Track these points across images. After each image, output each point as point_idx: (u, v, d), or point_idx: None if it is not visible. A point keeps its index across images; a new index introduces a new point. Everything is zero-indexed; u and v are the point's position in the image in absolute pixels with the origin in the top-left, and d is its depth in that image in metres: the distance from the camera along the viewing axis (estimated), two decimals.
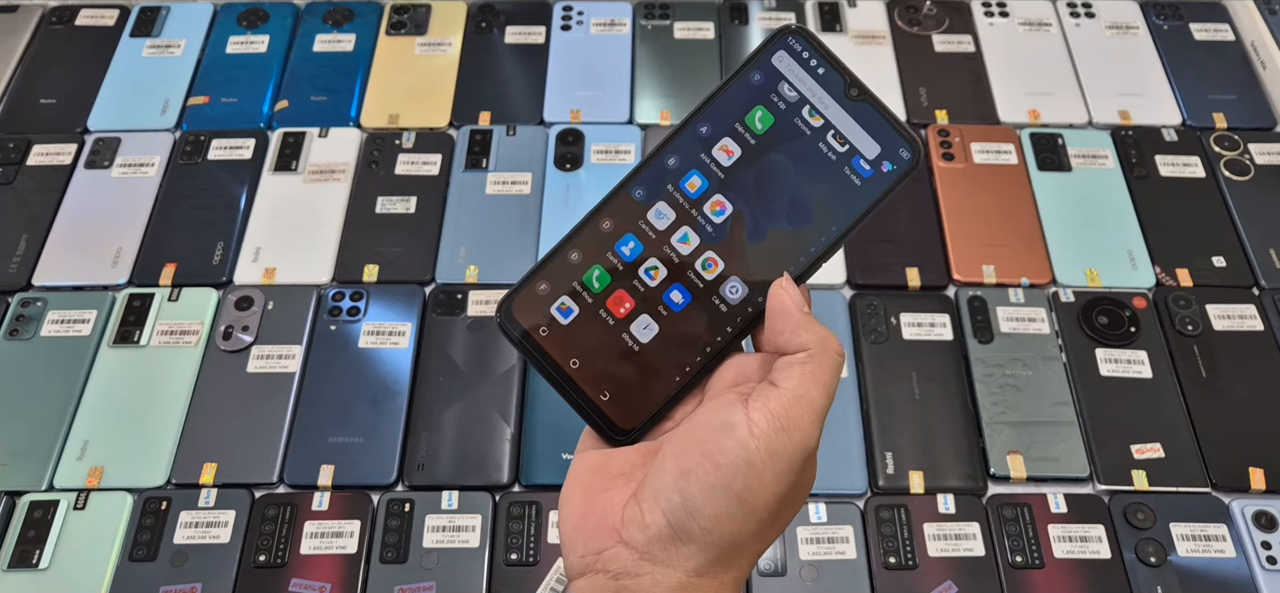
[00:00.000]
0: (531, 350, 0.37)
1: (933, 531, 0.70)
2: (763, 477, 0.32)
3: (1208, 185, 0.88)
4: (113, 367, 0.77)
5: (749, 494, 0.32)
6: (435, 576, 0.68)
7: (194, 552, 0.69)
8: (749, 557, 0.34)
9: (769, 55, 0.38)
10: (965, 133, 0.90)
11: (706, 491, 0.32)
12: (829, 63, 0.37)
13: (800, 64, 0.38)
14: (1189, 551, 0.69)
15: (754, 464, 0.32)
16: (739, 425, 0.32)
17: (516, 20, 0.99)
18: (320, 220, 0.85)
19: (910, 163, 0.36)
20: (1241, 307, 0.80)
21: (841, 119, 0.37)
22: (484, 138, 0.90)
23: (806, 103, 0.37)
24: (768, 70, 0.38)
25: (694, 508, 0.32)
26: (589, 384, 0.36)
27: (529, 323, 0.37)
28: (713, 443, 0.32)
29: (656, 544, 0.32)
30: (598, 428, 0.36)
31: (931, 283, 0.82)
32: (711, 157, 0.38)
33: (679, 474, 0.32)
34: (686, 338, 0.37)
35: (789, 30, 0.38)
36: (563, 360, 0.36)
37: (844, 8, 1.00)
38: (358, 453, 0.73)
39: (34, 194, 0.87)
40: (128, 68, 0.96)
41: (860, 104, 0.37)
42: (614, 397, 0.36)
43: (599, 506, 0.34)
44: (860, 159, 0.37)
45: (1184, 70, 0.96)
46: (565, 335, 0.37)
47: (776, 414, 0.32)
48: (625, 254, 0.37)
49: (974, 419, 0.75)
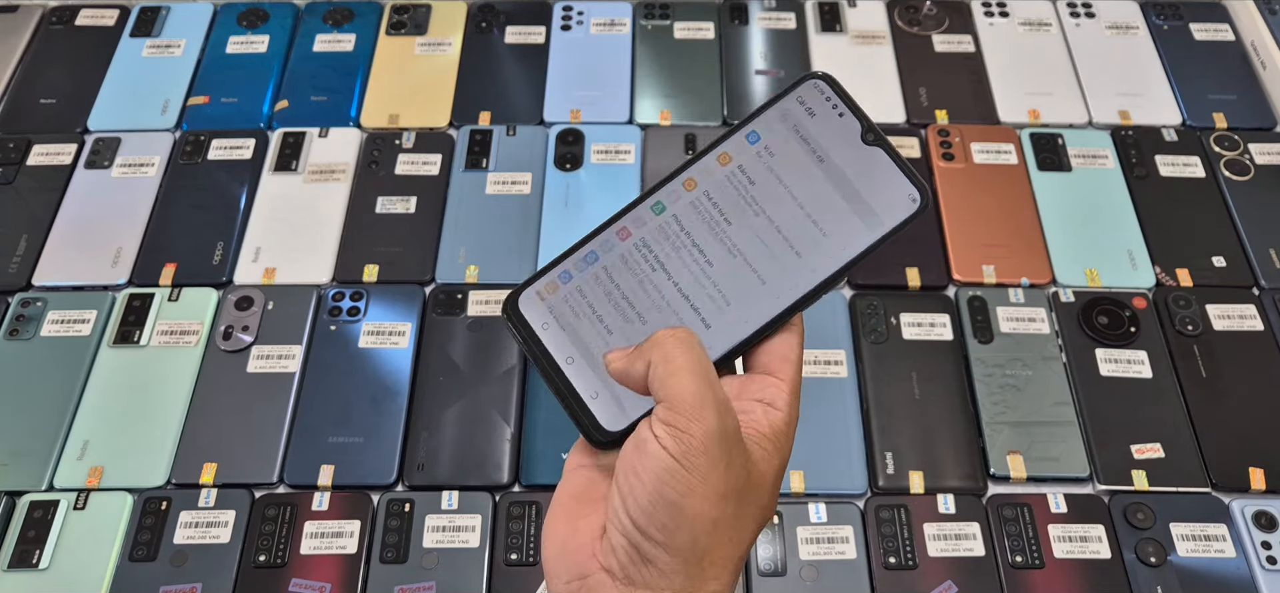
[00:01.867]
0: (531, 343, 0.38)
1: (933, 531, 0.70)
2: (688, 479, 0.33)
3: (1208, 185, 0.88)
4: (113, 367, 0.77)
5: (685, 498, 0.33)
6: (435, 576, 0.68)
7: (194, 552, 0.69)
8: (722, 562, 0.34)
9: (792, 95, 0.40)
10: (965, 133, 0.90)
11: (645, 508, 0.33)
12: (849, 107, 0.40)
13: (821, 106, 0.40)
14: (1189, 551, 0.69)
15: (672, 469, 0.33)
16: (648, 439, 0.33)
17: (516, 20, 0.99)
18: (320, 220, 0.85)
19: (919, 208, 0.38)
20: (1241, 307, 0.80)
21: (856, 161, 0.39)
22: (484, 138, 0.90)
23: (822, 142, 0.39)
24: (788, 108, 0.40)
25: (643, 526, 0.33)
26: (581, 383, 0.38)
27: (532, 317, 0.39)
28: (636, 461, 0.34)
29: (632, 568, 0.33)
30: (584, 429, 0.38)
31: (931, 283, 0.82)
32: (725, 182, 0.39)
33: (622, 497, 0.34)
34: None
35: (815, 75, 0.40)
36: (559, 357, 0.38)
37: (844, 8, 1.00)
38: (358, 453, 0.73)
39: (34, 194, 0.87)
40: (128, 68, 0.96)
41: (874, 149, 0.39)
42: (602, 398, 0.38)
43: (580, 531, 0.35)
44: (870, 200, 0.39)
45: (1184, 70, 0.96)
46: (565, 333, 0.38)
47: (666, 421, 0.33)
48: (631, 265, 0.39)
49: (974, 419, 0.75)
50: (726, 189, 0.39)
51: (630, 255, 0.39)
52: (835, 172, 0.39)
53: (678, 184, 0.40)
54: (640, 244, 0.39)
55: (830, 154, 0.39)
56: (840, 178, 0.39)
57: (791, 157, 0.39)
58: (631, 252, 0.39)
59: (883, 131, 0.39)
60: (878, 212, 0.38)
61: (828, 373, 0.77)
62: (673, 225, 0.39)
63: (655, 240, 0.39)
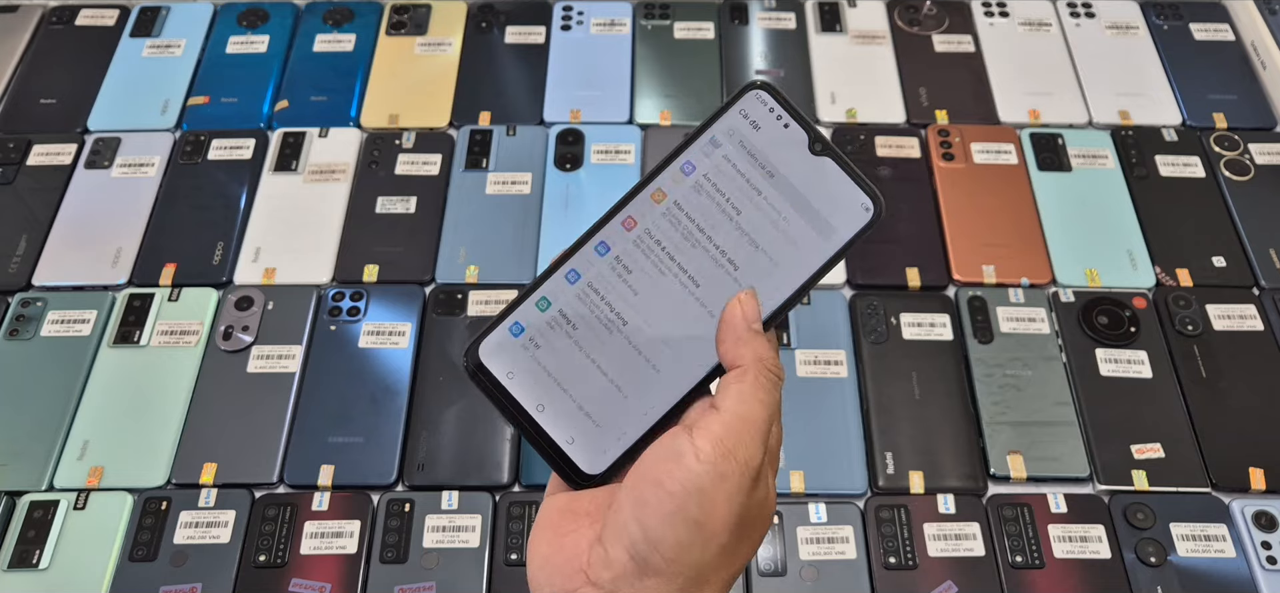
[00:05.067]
0: (497, 395, 0.37)
1: (933, 531, 0.70)
2: (715, 500, 0.32)
3: (1208, 185, 0.88)
4: (113, 367, 0.77)
5: (705, 519, 0.32)
6: (435, 576, 0.68)
7: (194, 552, 0.69)
8: (717, 585, 0.34)
9: (734, 108, 0.39)
10: (965, 133, 0.90)
11: (663, 521, 0.32)
12: (794, 118, 0.38)
13: (765, 118, 0.38)
14: (1189, 551, 0.69)
15: (704, 489, 0.32)
16: (686, 453, 0.33)
17: (516, 20, 0.99)
18: (320, 220, 0.85)
19: (873, 216, 0.37)
20: (1241, 307, 0.80)
21: (806, 174, 0.38)
22: (484, 138, 0.90)
23: (770, 156, 0.38)
24: (732, 124, 0.38)
25: (655, 540, 0.32)
26: (555, 429, 0.37)
27: (495, 367, 0.37)
28: (663, 473, 0.33)
29: (623, 581, 0.33)
30: (562, 473, 0.37)
31: (931, 283, 0.82)
32: (676, 206, 0.38)
33: (636, 507, 0.33)
34: (649, 387, 0.37)
35: (754, 85, 0.39)
36: (529, 405, 0.37)
37: (844, 8, 1.00)
38: (358, 453, 0.73)
39: (34, 194, 0.87)
40: (128, 68, 0.96)
41: (823, 159, 0.38)
42: (579, 442, 0.37)
43: (566, 546, 0.34)
44: (823, 212, 0.37)
45: (1184, 70, 0.96)
46: (531, 381, 0.37)
47: (719, 437, 0.33)
48: (590, 302, 0.37)
49: (974, 419, 0.75)
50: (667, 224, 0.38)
51: (589, 292, 0.37)
52: (785, 186, 0.38)
53: (623, 217, 0.38)
54: (595, 279, 0.37)
55: (779, 168, 0.38)
56: (790, 192, 0.38)
57: (736, 177, 0.38)
58: (590, 288, 0.37)
59: (830, 141, 0.38)
60: (833, 224, 0.37)
61: (828, 373, 0.77)
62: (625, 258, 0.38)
63: (609, 274, 0.37)
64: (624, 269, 0.37)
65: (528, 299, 0.38)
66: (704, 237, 0.37)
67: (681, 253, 0.37)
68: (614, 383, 0.37)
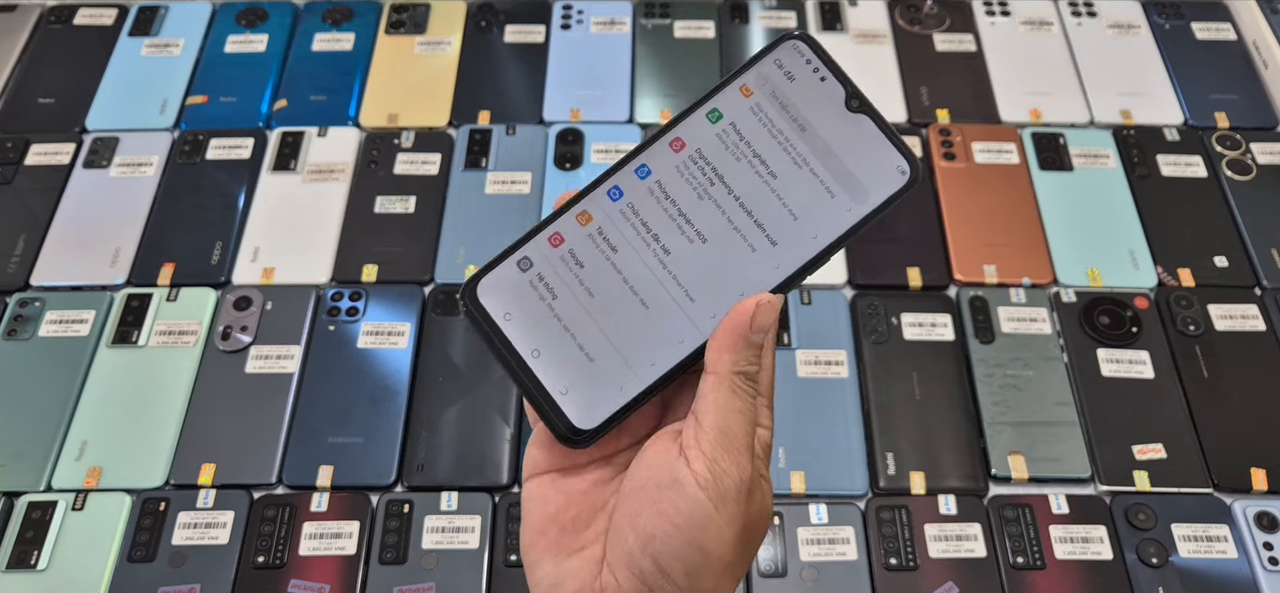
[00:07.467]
0: (492, 336, 0.35)
1: (934, 531, 0.70)
2: (719, 525, 0.32)
3: (1209, 185, 0.87)
4: (111, 367, 0.77)
5: (713, 544, 0.32)
6: (435, 576, 0.68)
7: (193, 553, 0.69)
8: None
9: (769, 58, 0.37)
10: (966, 132, 0.90)
11: (675, 553, 0.32)
12: (831, 71, 0.36)
13: (801, 69, 0.37)
14: (1191, 552, 0.69)
15: (709, 517, 0.32)
16: (686, 482, 0.32)
17: (516, 19, 0.99)
18: (319, 220, 0.85)
19: (909, 181, 0.35)
20: (1243, 307, 0.80)
21: (840, 130, 0.36)
22: (483, 137, 0.90)
23: (804, 110, 0.36)
24: (766, 73, 0.37)
25: (666, 569, 0.32)
26: (549, 377, 0.35)
27: (493, 307, 0.35)
28: (667, 504, 0.32)
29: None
30: (553, 427, 0.35)
31: (932, 283, 0.81)
32: (699, 156, 0.36)
33: (644, 541, 0.32)
34: (653, 340, 0.35)
35: (792, 35, 0.37)
36: (524, 350, 0.35)
37: (845, 7, 1.00)
38: (357, 454, 0.73)
39: (32, 194, 0.87)
40: (126, 67, 0.96)
41: (859, 116, 0.36)
42: (573, 393, 0.34)
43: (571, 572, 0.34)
44: (856, 173, 0.35)
45: (1186, 69, 0.95)
46: (529, 324, 0.35)
47: (713, 459, 0.32)
48: (600, 247, 0.36)
49: (975, 420, 0.75)
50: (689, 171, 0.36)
51: (600, 237, 0.36)
52: (817, 142, 0.36)
53: (644, 162, 0.36)
54: (608, 224, 0.36)
55: (811, 123, 0.36)
56: (823, 149, 0.36)
57: (766, 127, 0.36)
58: (601, 233, 0.36)
59: (867, 98, 0.36)
60: (865, 185, 0.35)
61: (828, 373, 0.77)
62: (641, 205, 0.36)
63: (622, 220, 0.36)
64: (640, 211, 0.36)
65: (537, 236, 0.36)
66: (724, 188, 0.36)
67: (694, 208, 0.35)
68: (616, 335, 0.35)
